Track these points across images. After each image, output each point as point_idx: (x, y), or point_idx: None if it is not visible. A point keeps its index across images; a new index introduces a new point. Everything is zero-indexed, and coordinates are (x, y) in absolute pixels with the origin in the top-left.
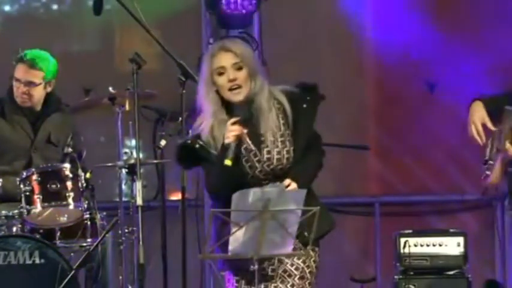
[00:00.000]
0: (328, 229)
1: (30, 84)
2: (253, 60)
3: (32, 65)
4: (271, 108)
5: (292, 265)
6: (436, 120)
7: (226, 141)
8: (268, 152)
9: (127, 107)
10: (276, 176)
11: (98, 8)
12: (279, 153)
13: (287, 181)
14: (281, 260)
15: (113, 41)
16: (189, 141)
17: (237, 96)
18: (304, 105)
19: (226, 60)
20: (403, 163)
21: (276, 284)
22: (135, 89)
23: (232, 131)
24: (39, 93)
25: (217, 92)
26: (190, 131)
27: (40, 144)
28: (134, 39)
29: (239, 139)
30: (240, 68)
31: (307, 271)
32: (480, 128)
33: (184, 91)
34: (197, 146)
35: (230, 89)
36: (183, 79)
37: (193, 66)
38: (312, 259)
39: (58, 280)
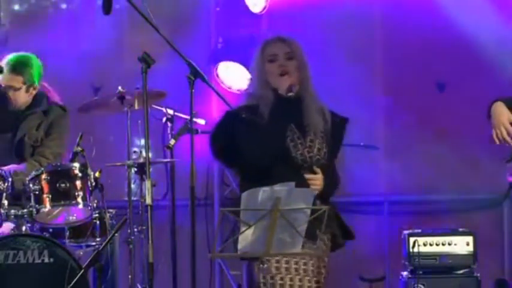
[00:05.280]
0: None
1: (10, 88)
2: (303, 55)
3: (12, 69)
4: (314, 106)
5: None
6: (446, 120)
7: (285, 86)
8: (311, 141)
9: (136, 106)
10: (310, 167)
11: (107, 7)
12: (320, 144)
13: (318, 170)
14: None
15: (122, 40)
16: (235, 111)
17: (285, 82)
18: (337, 120)
19: (279, 48)
20: (412, 162)
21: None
22: (144, 88)
23: (285, 80)
24: (21, 97)
25: (266, 79)
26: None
27: (17, 145)
28: (143, 38)
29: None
30: (290, 58)
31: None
32: (511, 129)
33: (193, 90)
34: (243, 115)
35: (280, 74)
36: (192, 78)
37: (202, 65)
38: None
39: (67, 279)
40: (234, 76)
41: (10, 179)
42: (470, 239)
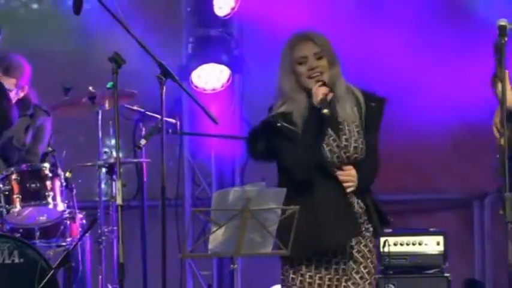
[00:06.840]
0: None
1: None
2: (331, 49)
3: (5, 71)
4: (348, 98)
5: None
6: (418, 120)
7: (318, 98)
8: (346, 140)
9: (107, 106)
10: (349, 164)
11: (77, 7)
12: (356, 142)
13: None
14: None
15: (93, 40)
16: (271, 119)
17: (318, 92)
18: (373, 104)
19: (307, 49)
20: (383, 162)
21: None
22: (115, 89)
23: (320, 91)
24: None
25: (297, 80)
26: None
27: (3, 146)
28: (114, 39)
29: (326, 100)
30: (320, 58)
31: (364, 271)
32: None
33: (164, 90)
34: (278, 124)
35: (309, 77)
36: (163, 78)
37: (173, 65)
38: (369, 260)
39: (37, 280)
40: (210, 78)
41: None
42: (440, 238)
